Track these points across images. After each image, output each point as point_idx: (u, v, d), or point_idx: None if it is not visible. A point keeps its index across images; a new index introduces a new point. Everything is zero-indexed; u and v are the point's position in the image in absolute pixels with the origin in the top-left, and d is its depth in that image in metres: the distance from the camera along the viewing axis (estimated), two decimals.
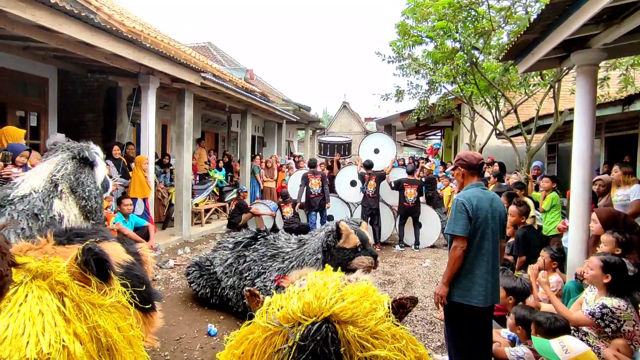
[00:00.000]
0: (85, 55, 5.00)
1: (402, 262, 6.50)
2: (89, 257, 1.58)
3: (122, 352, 1.59)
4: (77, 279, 1.59)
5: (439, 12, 5.77)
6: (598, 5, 2.47)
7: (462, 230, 2.38)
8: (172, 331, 3.69)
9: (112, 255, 1.80)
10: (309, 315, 1.58)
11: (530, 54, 3.79)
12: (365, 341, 1.56)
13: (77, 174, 3.13)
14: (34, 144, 6.30)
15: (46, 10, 3.82)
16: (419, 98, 8.85)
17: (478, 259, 2.42)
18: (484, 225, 2.42)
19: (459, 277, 2.42)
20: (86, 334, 1.50)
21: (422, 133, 19.96)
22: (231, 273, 4.03)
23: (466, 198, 2.44)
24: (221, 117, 12.45)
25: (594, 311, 2.43)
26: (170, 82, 6.85)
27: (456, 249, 2.40)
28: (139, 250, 2.37)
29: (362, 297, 1.67)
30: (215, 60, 14.42)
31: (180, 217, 7.34)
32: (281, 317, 1.62)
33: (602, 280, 2.49)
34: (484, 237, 2.43)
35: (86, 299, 1.57)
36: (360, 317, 1.59)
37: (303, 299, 1.63)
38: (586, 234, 3.51)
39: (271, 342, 1.63)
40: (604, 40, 3.24)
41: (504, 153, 10.73)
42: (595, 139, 7.85)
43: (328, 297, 1.62)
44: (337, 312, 1.57)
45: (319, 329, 1.54)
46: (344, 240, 3.43)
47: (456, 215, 2.42)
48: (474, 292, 2.38)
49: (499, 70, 6.42)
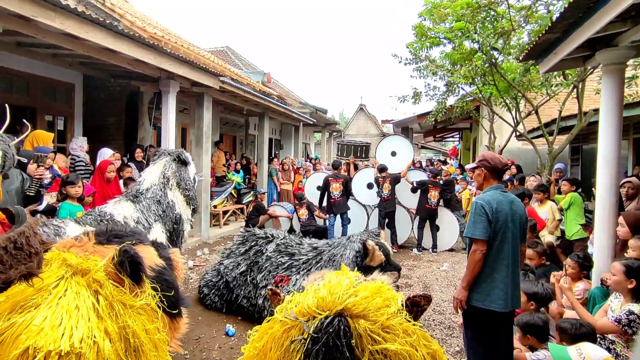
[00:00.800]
0: (109, 61, 5.16)
1: (419, 265, 6.42)
2: (124, 259, 1.65)
3: (147, 353, 1.64)
4: (112, 278, 1.66)
5: (456, 13, 5.70)
6: (625, 2, 2.40)
7: (482, 233, 2.34)
8: (191, 331, 3.75)
9: (145, 258, 1.87)
10: (323, 310, 1.65)
11: (553, 54, 3.70)
12: (376, 335, 1.61)
13: (179, 171, 4.01)
14: (61, 147, 6.53)
15: (74, 19, 3.97)
16: (437, 100, 8.75)
17: (498, 263, 2.38)
18: (504, 228, 2.38)
19: (478, 281, 2.38)
20: (116, 332, 1.55)
21: (439, 135, 19.70)
22: (245, 282, 3.98)
23: (486, 201, 2.41)
24: (239, 120, 12.61)
25: (620, 318, 2.34)
26: (190, 86, 7.00)
27: (476, 253, 2.36)
28: (171, 255, 2.42)
29: (375, 294, 1.73)
30: (234, 64, 14.63)
31: (199, 219, 7.46)
32: (297, 312, 1.70)
33: (627, 285, 2.42)
34: (504, 240, 2.38)
35: (119, 298, 1.63)
36: (372, 311, 1.65)
37: (318, 295, 1.71)
38: (613, 239, 3.39)
39: (288, 335, 1.70)
40: (632, 37, 3.13)
41: (525, 155, 10.48)
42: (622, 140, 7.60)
43: (341, 292, 1.68)
44: (350, 306, 1.64)
45: (332, 322, 1.60)
46: (370, 259, 3.44)
47: (475, 218, 2.39)
48: (494, 297, 2.34)
49: (520, 70, 6.29)
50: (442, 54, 7.22)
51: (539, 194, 5.36)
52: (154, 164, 4.06)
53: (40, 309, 1.47)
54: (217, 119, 10.39)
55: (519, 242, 2.47)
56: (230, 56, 16.59)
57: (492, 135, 9.34)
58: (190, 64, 6.27)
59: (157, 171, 3.94)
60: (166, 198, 3.83)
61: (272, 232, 4.34)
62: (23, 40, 5.02)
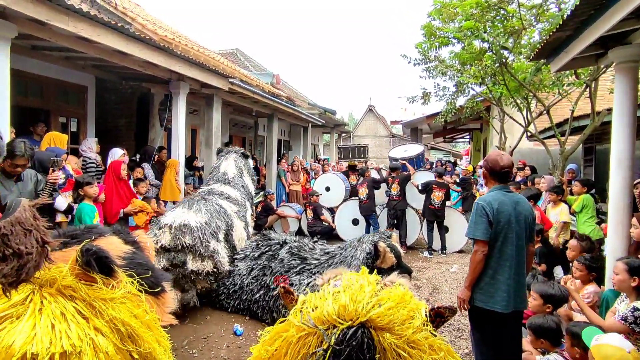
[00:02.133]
0: (121, 63, 5.25)
1: (428, 266, 6.37)
2: (89, 258, 1.61)
3: (142, 336, 1.66)
4: (82, 279, 1.64)
5: (466, 12, 5.65)
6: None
7: (482, 234, 2.33)
8: (200, 329, 3.78)
9: (111, 249, 1.85)
10: (344, 319, 1.56)
11: (564, 52, 3.64)
12: (402, 350, 1.51)
13: (245, 163, 5.54)
14: (74, 148, 6.66)
15: (87, 22, 4.05)
16: (446, 100, 8.68)
17: (501, 264, 2.36)
18: (506, 228, 2.36)
19: (481, 282, 2.37)
20: (106, 327, 1.57)
21: (449, 136, 19.53)
22: (257, 286, 3.99)
23: (486, 201, 2.39)
24: (248, 121, 12.69)
25: (626, 316, 2.31)
26: (200, 87, 7.06)
27: (477, 253, 2.36)
28: (136, 238, 2.43)
29: (400, 304, 1.63)
30: (243, 65, 14.73)
31: None
32: (316, 318, 1.60)
33: (630, 284, 2.39)
34: (506, 241, 2.36)
35: (96, 296, 1.62)
36: (397, 324, 1.55)
37: (339, 301, 1.60)
38: (626, 241, 3.32)
39: (305, 343, 1.62)
40: None
41: (537, 156, 10.32)
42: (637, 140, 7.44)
43: (365, 302, 1.58)
44: (374, 317, 1.54)
45: (355, 333, 1.50)
46: (381, 261, 3.42)
47: (476, 219, 2.38)
48: (497, 298, 2.33)
49: (530, 70, 6.20)
50: (451, 53, 7.16)
51: (552, 194, 5.28)
52: (227, 159, 5.36)
53: (23, 320, 1.45)
54: (226, 120, 10.46)
55: (525, 243, 2.44)
56: (239, 58, 16.70)
57: (502, 136, 9.23)
58: (200, 65, 6.33)
59: (232, 164, 5.30)
60: (244, 183, 5.30)
61: (286, 238, 4.38)
62: (37, 44, 5.13)
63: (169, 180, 6.45)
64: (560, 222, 5.05)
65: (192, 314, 4.10)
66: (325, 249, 4.04)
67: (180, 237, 3.78)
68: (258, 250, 4.29)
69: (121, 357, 1.59)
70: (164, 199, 6.25)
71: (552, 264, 4.86)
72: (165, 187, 6.43)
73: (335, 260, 3.76)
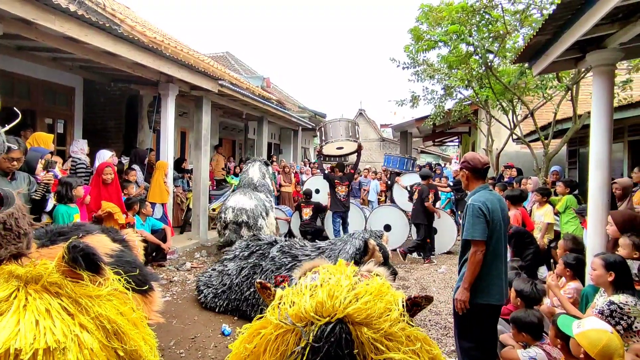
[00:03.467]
0: (109, 64, 5.23)
1: (417, 267, 6.43)
2: (75, 254, 1.61)
3: (128, 334, 1.66)
4: (69, 276, 1.63)
5: (452, 17, 5.77)
6: (610, 3, 2.45)
7: (482, 234, 2.38)
8: (187, 330, 3.77)
9: (98, 247, 1.85)
10: (322, 315, 1.56)
11: (544, 56, 3.75)
12: (379, 343, 1.53)
13: (267, 169, 7.04)
14: (60, 149, 6.59)
15: (74, 22, 4.04)
16: (435, 104, 8.81)
17: (495, 261, 2.45)
18: (498, 227, 2.45)
19: (478, 280, 2.43)
20: (92, 324, 1.57)
21: (439, 140, 19.74)
22: (247, 285, 3.99)
23: (482, 202, 2.44)
24: (238, 124, 12.69)
25: (602, 309, 2.39)
26: (189, 89, 7.06)
27: (477, 254, 2.39)
28: (125, 237, 2.44)
29: (377, 296, 1.64)
30: (234, 69, 14.74)
31: (198, 222, 7.49)
32: (294, 316, 1.60)
33: (607, 279, 2.48)
34: (499, 239, 2.46)
35: (82, 293, 1.62)
36: (375, 318, 1.56)
37: (316, 298, 1.60)
38: (605, 238, 3.42)
39: (284, 340, 1.62)
40: (620, 39, 3.19)
41: (523, 158, 10.50)
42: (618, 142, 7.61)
43: (342, 297, 1.58)
44: (352, 313, 1.54)
45: (333, 330, 1.51)
46: (369, 257, 3.46)
47: (474, 220, 2.40)
48: (493, 292, 2.43)
49: (515, 73, 6.35)
50: (438, 57, 7.29)
51: (538, 195, 5.39)
52: (253, 166, 6.80)
53: (7, 316, 1.45)
54: (216, 123, 10.45)
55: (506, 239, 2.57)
56: (230, 61, 16.71)
57: (489, 139, 9.38)
58: (189, 67, 6.34)
59: (257, 171, 6.72)
60: (268, 186, 6.80)
61: (276, 237, 4.40)
62: (24, 44, 5.09)
63: (157, 182, 6.43)
64: (544, 223, 5.16)
65: (180, 315, 4.09)
66: (315, 244, 4.09)
67: (239, 215, 5.82)
68: (248, 250, 4.30)
69: (106, 354, 1.59)
70: (153, 201, 6.21)
71: (537, 264, 4.96)
72: (154, 188, 6.40)
73: (325, 255, 3.79)
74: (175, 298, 4.59)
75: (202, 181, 7.55)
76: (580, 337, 1.95)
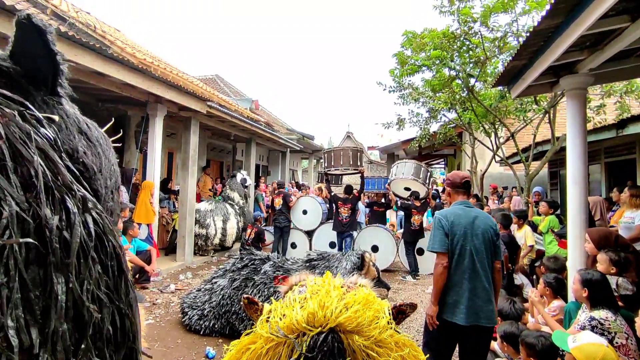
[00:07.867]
0: (98, 84, 5.27)
1: (405, 288, 6.42)
2: None
3: None
4: None
5: (434, 42, 6.03)
6: (576, 32, 2.62)
7: (440, 246, 2.41)
8: (170, 354, 3.66)
9: None
10: (314, 326, 1.58)
11: (521, 79, 3.94)
12: (370, 350, 1.56)
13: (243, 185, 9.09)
14: None
15: (63, 42, 4.09)
16: (420, 126, 9.03)
17: (458, 276, 2.41)
18: (461, 241, 2.42)
19: (445, 295, 2.42)
20: None
21: (425, 162, 20.05)
22: (237, 298, 3.96)
23: (443, 215, 2.50)
24: (226, 146, 12.72)
25: (584, 325, 2.42)
26: (178, 110, 7.11)
27: (437, 266, 2.42)
28: None
29: (365, 306, 1.67)
30: (222, 91, 14.91)
31: (184, 243, 7.38)
32: (285, 328, 1.61)
33: (582, 294, 2.52)
34: (462, 253, 2.42)
35: None
36: (365, 326, 1.59)
37: (307, 309, 1.63)
38: (585, 255, 3.50)
39: (275, 353, 1.61)
40: (590, 65, 3.38)
41: (507, 179, 10.76)
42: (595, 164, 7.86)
43: (332, 307, 1.61)
44: (343, 322, 1.57)
45: (326, 339, 1.53)
46: (365, 272, 3.53)
47: (434, 232, 2.48)
48: (457, 310, 2.37)
49: (496, 97, 6.60)
50: (422, 80, 7.55)
51: (514, 218, 5.50)
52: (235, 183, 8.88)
53: None
54: (204, 144, 10.47)
55: (487, 257, 2.45)
56: (219, 84, 16.92)
57: (473, 160, 9.61)
58: (178, 88, 6.41)
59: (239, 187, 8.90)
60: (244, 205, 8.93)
61: (268, 254, 4.42)
62: None
63: (143, 202, 6.36)
64: (527, 246, 5.26)
65: (163, 338, 3.97)
66: (305, 259, 4.11)
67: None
68: (241, 263, 4.29)
69: None
70: (138, 221, 6.12)
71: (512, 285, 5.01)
72: (140, 209, 6.32)
73: (317, 270, 3.81)
74: (158, 321, 4.47)
75: (189, 202, 7.49)
76: (576, 351, 1.98)
